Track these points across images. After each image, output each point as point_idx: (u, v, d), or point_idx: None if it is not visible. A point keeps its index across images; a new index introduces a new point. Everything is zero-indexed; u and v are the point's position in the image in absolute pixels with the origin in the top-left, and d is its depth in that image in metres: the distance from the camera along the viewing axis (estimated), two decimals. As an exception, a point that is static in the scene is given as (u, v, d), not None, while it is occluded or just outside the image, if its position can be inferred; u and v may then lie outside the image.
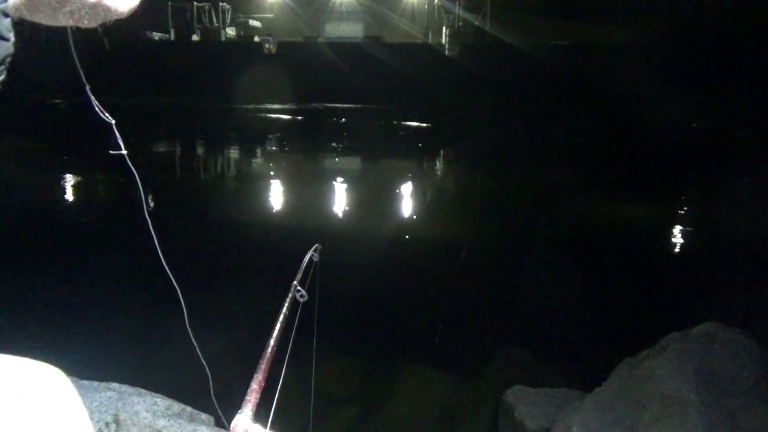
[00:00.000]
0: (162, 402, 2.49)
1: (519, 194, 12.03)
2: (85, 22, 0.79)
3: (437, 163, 16.81)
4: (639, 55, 22.73)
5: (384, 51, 28.78)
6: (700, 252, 8.23)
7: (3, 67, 0.71)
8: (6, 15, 0.69)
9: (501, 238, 9.03)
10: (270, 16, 42.30)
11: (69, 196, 10.79)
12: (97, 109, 0.98)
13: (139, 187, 1.16)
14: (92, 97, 0.96)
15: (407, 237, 8.65)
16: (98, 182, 12.15)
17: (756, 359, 2.90)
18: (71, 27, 0.82)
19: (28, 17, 0.75)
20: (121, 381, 2.65)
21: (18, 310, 4.95)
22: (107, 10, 0.79)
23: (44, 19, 0.76)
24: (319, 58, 28.57)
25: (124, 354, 4.37)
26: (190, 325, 1.27)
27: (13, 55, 0.72)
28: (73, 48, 0.89)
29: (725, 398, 2.66)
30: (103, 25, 0.82)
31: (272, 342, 1.20)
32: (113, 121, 1.02)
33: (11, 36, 0.70)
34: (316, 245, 1.86)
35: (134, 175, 1.14)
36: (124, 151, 1.09)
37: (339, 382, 4.55)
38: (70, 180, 11.81)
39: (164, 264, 1.21)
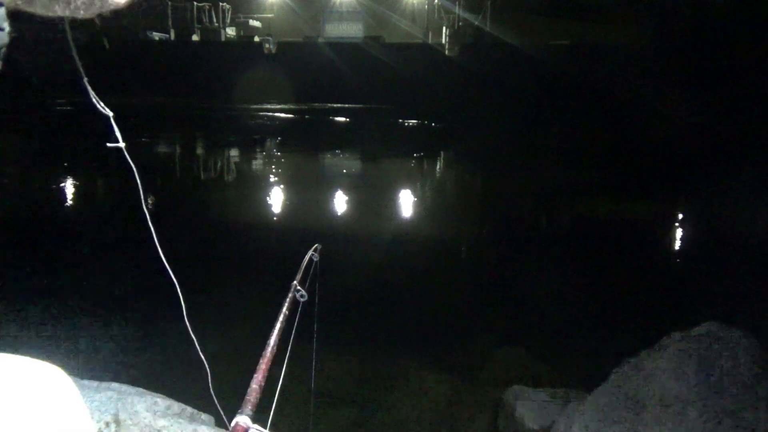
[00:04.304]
0: (162, 402, 2.49)
1: (519, 194, 12.03)
2: (81, 12, 0.78)
3: (437, 163, 16.82)
4: (639, 55, 22.73)
5: (384, 51, 28.78)
6: (701, 252, 8.23)
7: None
8: (0, 4, 0.68)
9: (501, 238, 9.03)
10: (270, 16, 42.29)
11: (69, 194, 10.79)
12: (94, 101, 0.97)
13: (137, 180, 1.15)
14: (90, 90, 0.96)
15: (407, 237, 8.65)
16: (98, 181, 12.15)
17: (756, 359, 2.89)
18: (67, 18, 0.81)
19: (24, 7, 0.74)
20: (121, 381, 2.65)
21: (18, 310, 4.95)
22: (104, 0, 0.78)
23: (40, 8, 0.75)
24: (319, 58, 28.57)
25: (124, 354, 4.37)
26: (189, 321, 1.26)
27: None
28: (70, 39, 0.88)
29: (725, 398, 2.66)
30: (100, 16, 0.81)
31: (272, 342, 1.20)
32: (111, 114, 1.02)
33: (6, 26, 0.69)
34: (316, 245, 1.86)
35: (132, 168, 1.13)
36: (122, 144, 1.08)
37: (339, 382, 4.55)
38: (69, 179, 11.81)
39: (161, 255, 1.20)
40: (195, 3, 33.25)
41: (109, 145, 1.08)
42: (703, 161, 14.63)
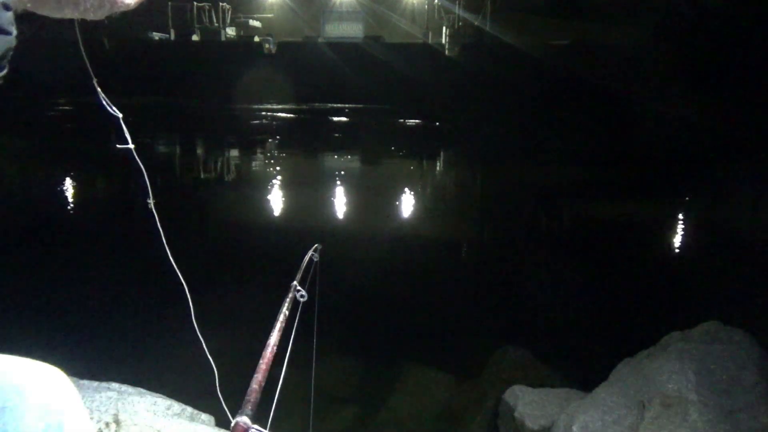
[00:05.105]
0: (162, 402, 2.49)
1: (519, 194, 12.03)
2: (91, 14, 0.78)
3: (437, 163, 16.81)
4: (639, 55, 22.72)
5: (384, 51, 28.77)
6: (700, 252, 8.23)
7: (5, 61, 0.70)
8: (8, 8, 0.68)
9: (501, 238, 9.03)
10: (270, 16, 42.28)
11: (71, 194, 10.79)
12: (104, 103, 0.98)
13: (146, 182, 1.15)
14: (99, 91, 0.96)
15: (408, 237, 8.65)
16: (99, 181, 12.16)
17: (756, 359, 2.90)
18: (77, 20, 0.81)
19: (33, 10, 0.74)
20: (121, 381, 2.65)
21: (18, 310, 4.95)
22: (113, 2, 0.78)
23: (49, 11, 0.75)
24: (319, 58, 28.55)
25: (124, 354, 4.37)
26: (195, 321, 1.26)
27: (18, 57, 0.71)
28: (80, 41, 0.89)
29: (725, 398, 2.66)
30: (109, 19, 0.82)
31: (272, 342, 1.20)
32: (120, 115, 1.02)
33: (13, 30, 0.69)
34: (316, 245, 1.86)
35: (141, 169, 1.13)
36: (131, 145, 1.09)
37: (339, 382, 4.55)
38: (70, 179, 11.81)
39: (170, 258, 1.20)
40: (195, 3, 33.22)
41: (118, 146, 1.08)
42: (702, 161, 14.63)
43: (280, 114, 25.83)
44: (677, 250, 8.51)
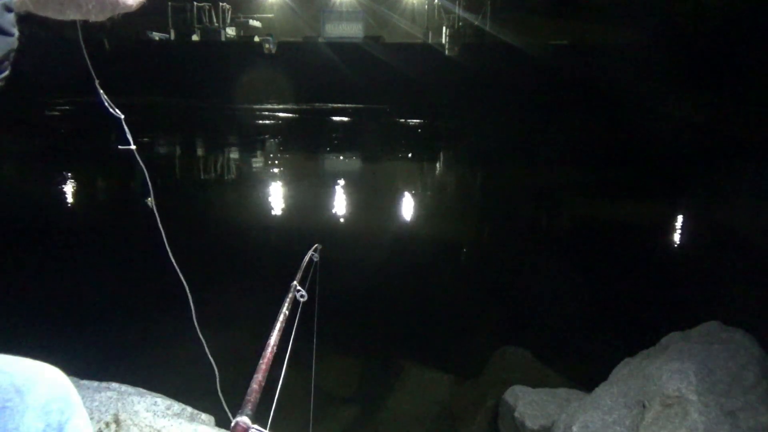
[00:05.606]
0: (162, 402, 2.49)
1: (519, 194, 12.03)
2: (93, 16, 0.78)
3: (437, 163, 16.82)
4: (639, 55, 22.73)
5: (384, 51, 28.79)
6: (700, 252, 8.23)
7: (7, 62, 0.70)
8: (10, 10, 0.68)
9: (501, 238, 9.03)
10: (270, 16, 42.30)
11: (69, 194, 10.79)
12: (106, 104, 0.98)
13: (147, 182, 1.16)
14: (102, 93, 0.96)
15: (408, 237, 8.65)
16: (99, 180, 12.15)
17: (756, 359, 2.89)
18: (79, 22, 0.82)
19: (35, 12, 0.74)
20: (121, 381, 2.65)
21: (18, 310, 4.95)
22: (115, 3, 0.79)
23: (51, 13, 0.76)
24: (319, 58, 28.57)
25: (124, 354, 4.37)
26: (197, 322, 1.27)
27: (18, 57, 0.71)
28: (82, 42, 0.89)
29: (725, 398, 2.66)
30: (110, 20, 0.82)
31: (272, 342, 1.20)
32: (122, 116, 1.02)
33: (15, 31, 0.69)
34: (316, 245, 1.86)
35: (143, 170, 1.14)
36: (132, 146, 1.09)
37: (339, 382, 4.55)
38: (70, 179, 11.81)
39: (171, 258, 1.20)
40: (195, 3, 33.23)
41: (120, 147, 1.09)
42: (702, 161, 14.63)
43: (280, 114, 25.83)
44: (677, 250, 8.51)
